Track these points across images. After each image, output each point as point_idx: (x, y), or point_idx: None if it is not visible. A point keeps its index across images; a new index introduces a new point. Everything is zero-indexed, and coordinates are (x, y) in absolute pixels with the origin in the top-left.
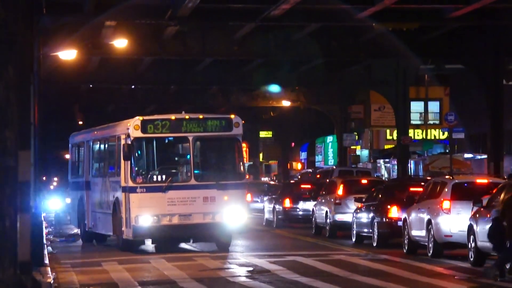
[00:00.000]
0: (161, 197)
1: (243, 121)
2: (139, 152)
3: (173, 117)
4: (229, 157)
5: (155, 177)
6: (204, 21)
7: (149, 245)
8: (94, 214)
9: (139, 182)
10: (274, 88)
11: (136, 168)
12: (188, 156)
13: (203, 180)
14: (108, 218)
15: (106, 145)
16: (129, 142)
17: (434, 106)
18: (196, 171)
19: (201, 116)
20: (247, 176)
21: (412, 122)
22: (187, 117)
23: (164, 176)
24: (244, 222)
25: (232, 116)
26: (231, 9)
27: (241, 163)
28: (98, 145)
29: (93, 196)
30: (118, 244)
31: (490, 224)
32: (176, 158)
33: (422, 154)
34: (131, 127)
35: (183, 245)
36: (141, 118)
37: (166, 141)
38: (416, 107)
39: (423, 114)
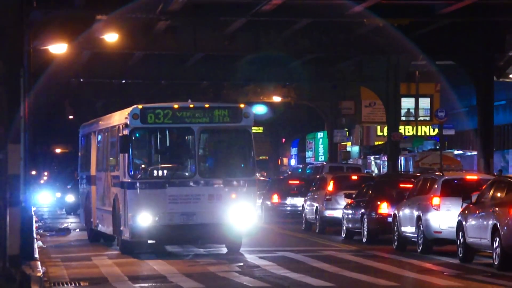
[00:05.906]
0: (162, 194)
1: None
2: (138, 144)
3: (176, 105)
4: (238, 151)
5: (155, 172)
6: (195, 15)
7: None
8: (98, 211)
9: (137, 177)
10: (261, 110)
11: (135, 162)
12: (193, 149)
13: (208, 176)
14: (109, 217)
15: (109, 137)
16: (127, 133)
17: (424, 103)
18: (201, 166)
19: (207, 105)
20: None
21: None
22: (191, 105)
23: (165, 171)
24: (254, 222)
25: (242, 105)
26: (222, 4)
27: (251, 158)
28: (102, 137)
29: (97, 192)
30: (118, 245)
31: None
32: (179, 151)
33: (412, 150)
34: (129, 116)
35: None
36: (140, 106)
37: (168, 132)
38: (407, 103)
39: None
